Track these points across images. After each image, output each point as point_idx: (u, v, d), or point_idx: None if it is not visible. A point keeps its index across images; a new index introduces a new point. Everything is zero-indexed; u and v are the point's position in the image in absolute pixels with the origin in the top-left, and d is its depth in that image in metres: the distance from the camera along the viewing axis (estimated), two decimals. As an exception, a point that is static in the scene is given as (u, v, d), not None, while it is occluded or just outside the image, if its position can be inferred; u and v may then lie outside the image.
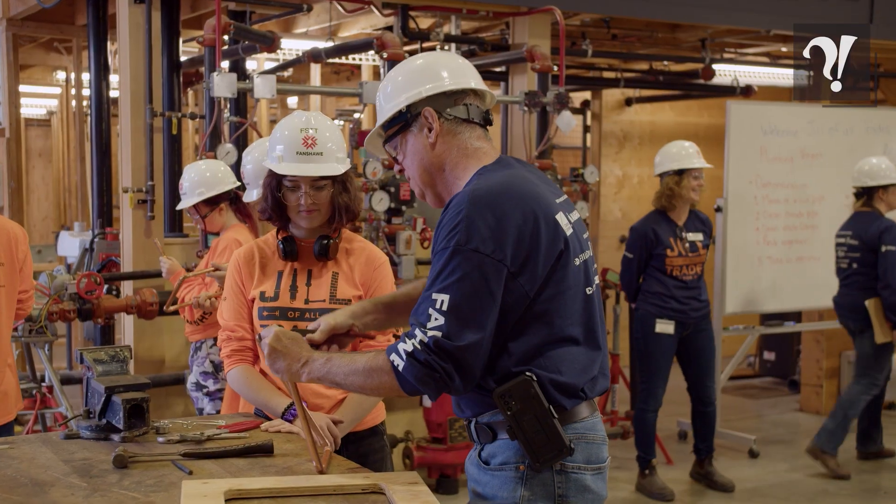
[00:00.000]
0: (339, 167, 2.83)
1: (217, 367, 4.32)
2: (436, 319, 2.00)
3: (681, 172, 5.65)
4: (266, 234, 3.03)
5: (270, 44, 5.74)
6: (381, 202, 5.46)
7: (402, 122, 2.20)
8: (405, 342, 2.04)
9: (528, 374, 2.06)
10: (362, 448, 2.89)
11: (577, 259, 2.14)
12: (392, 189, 5.50)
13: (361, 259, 2.92)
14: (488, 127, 2.26)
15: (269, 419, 2.79)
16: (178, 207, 4.57)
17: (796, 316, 7.80)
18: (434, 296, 2.02)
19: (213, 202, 4.33)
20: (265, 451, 2.45)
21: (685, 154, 5.68)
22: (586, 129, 10.00)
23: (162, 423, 2.63)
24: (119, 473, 2.25)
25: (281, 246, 2.88)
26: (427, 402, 5.54)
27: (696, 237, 5.74)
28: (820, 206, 7.13)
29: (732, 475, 6.01)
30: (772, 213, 6.90)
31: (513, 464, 2.11)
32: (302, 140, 2.80)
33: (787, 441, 7.04)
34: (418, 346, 2.02)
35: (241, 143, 5.43)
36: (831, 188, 7.15)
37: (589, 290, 2.16)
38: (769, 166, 6.85)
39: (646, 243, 5.71)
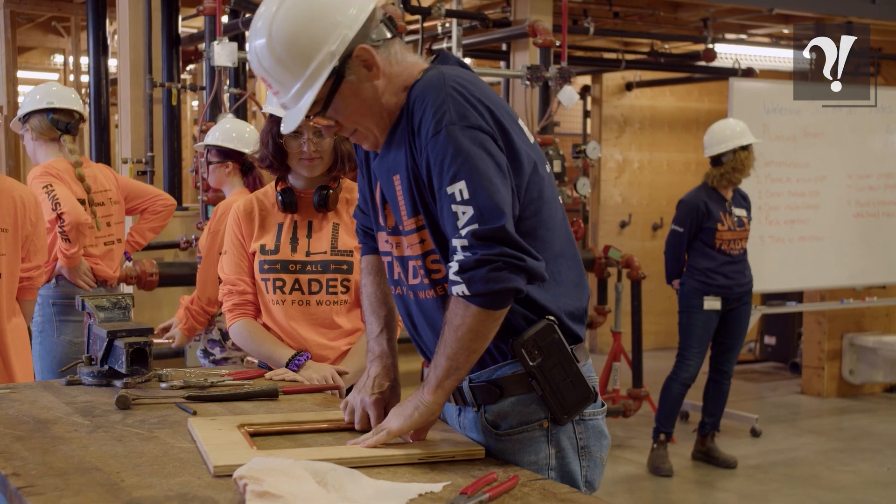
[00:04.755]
0: None
1: (225, 336, 4.27)
2: (464, 213, 1.74)
3: (745, 147, 5.70)
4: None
5: (271, 16, 5.68)
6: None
7: (332, 79, 1.84)
8: (451, 265, 1.77)
9: (548, 318, 1.87)
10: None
11: (547, 166, 1.96)
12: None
13: (362, 208, 2.87)
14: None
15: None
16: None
17: (798, 296, 7.77)
18: (448, 189, 1.76)
19: (224, 156, 4.26)
20: (270, 395, 2.41)
21: (744, 130, 5.75)
22: (586, 113, 9.98)
23: (165, 371, 2.59)
24: (122, 413, 2.22)
25: (280, 198, 2.83)
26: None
27: (741, 212, 5.80)
28: (822, 186, 7.09)
29: (735, 453, 5.99)
30: (774, 192, 6.87)
31: (534, 422, 1.89)
32: None
33: (788, 421, 7.02)
34: (462, 256, 1.74)
35: (241, 115, 5.39)
36: (834, 168, 7.12)
37: (560, 199, 2.00)
38: (771, 145, 6.81)
39: (697, 216, 5.71)
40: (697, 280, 5.72)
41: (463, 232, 1.74)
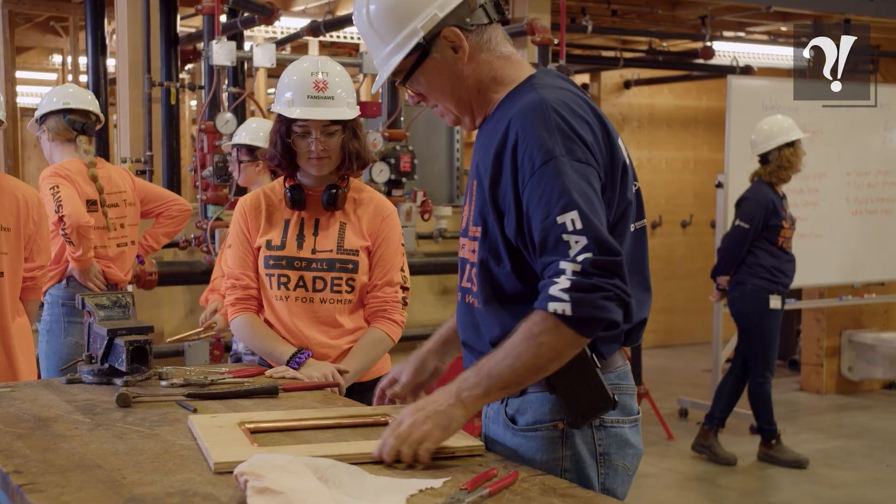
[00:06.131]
0: (350, 112, 2.80)
1: None
2: (577, 242, 1.73)
3: (792, 144, 5.66)
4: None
5: (269, 15, 5.70)
6: (381, 174, 5.44)
7: (417, 53, 1.88)
8: (555, 283, 1.73)
9: None
10: (367, 398, 2.83)
11: (634, 186, 1.94)
12: (392, 161, 5.48)
13: (370, 209, 2.88)
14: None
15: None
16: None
17: (797, 293, 7.78)
18: (559, 219, 1.74)
19: (254, 155, 4.26)
20: (270, 392, 2.42)
21: (791, 127, 5.70)
22: (585, 112, 9.99)
23: (165, 370, 2.59)
24: (123, 411, 2.22)
25: (289, 194, 2.84)
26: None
27: (790, 210, 5.78)
28: (820, 184, 7.10)
29: (735, 450, 5.99)
30: (773, 189, 6.87)
31: (549, 422, 1.87)
32: (313, 84, 2.76)
33: (788, 418, 7.01)
34: (576, 277, 1.72)
35: (240, 113, 5.39)
36: (832, 165, 7.13)
37: (640, 224, 1.97)
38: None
39: (766, 213, 5.62)
40: (763, 279, 5.64)
41: (578, 258, 1.72)
